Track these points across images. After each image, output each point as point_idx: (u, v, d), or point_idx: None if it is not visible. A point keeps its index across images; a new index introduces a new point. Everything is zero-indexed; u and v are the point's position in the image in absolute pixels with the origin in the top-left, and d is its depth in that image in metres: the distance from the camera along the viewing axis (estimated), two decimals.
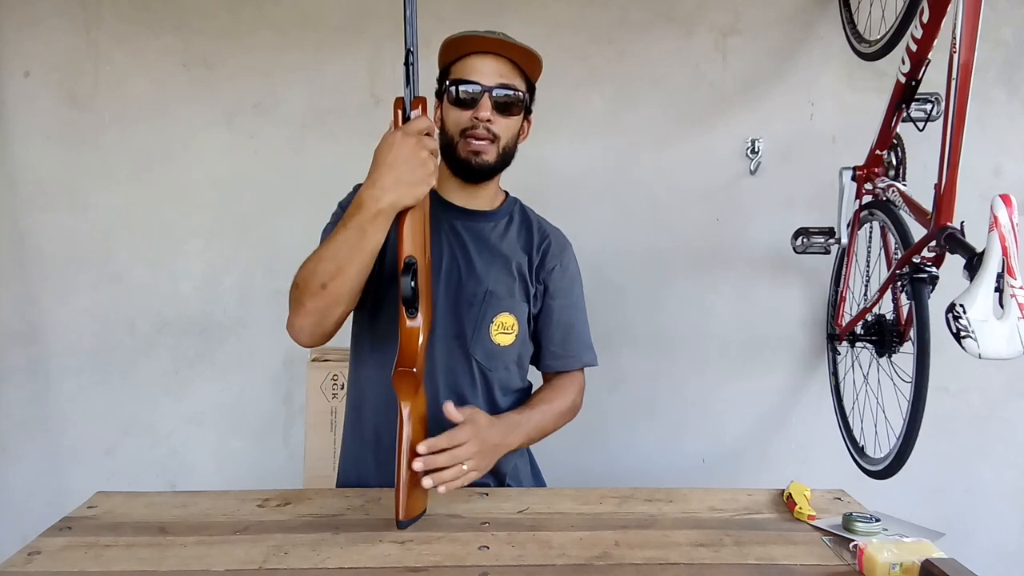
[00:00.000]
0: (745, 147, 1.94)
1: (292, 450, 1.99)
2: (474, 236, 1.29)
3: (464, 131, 1.22)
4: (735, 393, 2.00)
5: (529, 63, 1.24)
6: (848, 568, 0.93)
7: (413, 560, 0.95)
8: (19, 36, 1.90)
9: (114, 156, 1.93)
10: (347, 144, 1.92)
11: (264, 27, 1.91)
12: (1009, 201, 1.07)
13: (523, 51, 1.22)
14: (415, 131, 1.01)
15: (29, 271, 1.95)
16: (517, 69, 1.23)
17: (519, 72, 1.24)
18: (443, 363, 1.25)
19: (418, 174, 1.00)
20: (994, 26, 1.87)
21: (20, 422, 1.99)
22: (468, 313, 1.26)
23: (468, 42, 1.22)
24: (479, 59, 1.21)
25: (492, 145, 1.22)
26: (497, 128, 1.22)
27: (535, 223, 1.36)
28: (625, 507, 1.13)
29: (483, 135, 1.21)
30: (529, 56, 1.23)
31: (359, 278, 1.09)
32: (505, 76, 1.22)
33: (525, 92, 1.25)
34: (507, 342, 1.27)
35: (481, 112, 1.20)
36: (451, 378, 1.26)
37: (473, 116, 1.20)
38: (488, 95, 1.20)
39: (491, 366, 1.27)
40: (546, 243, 1.33)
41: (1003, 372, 1.95)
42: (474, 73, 1.21)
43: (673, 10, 1.92)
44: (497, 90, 1.21)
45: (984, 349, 1.05)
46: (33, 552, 0.97)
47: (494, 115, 1.21)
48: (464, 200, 1.31)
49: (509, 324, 1.27)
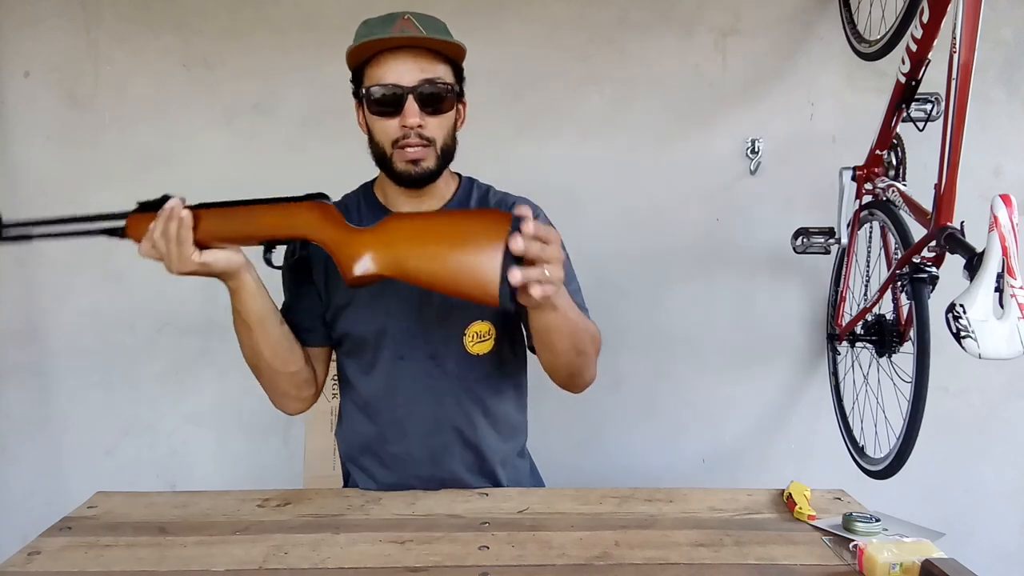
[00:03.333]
0: (745, 147, 1.94)
1: (292, 450, 1.99)
2: None
3: (395, 141, 1.10)
4: (735, 393, 2.00)
5: (448, 47, 1.11)
6: (848, 568, 0.93)
7: (413, 560, 0.95)
8: (19, 36, 1.90)
9: (114, 156, 1.93)
10: (347, 144, 1.90)
11: (264, 27, 1.91)
12: (1009, 201, 1.07)
13: (440, 43, 1.09)
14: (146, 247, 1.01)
15: (29, 271, 1.95)
16: (438, 56, 1.10)
17: (440, 58, 1.10)
18: (423, 387, 1.20)
19: (172, 263, 1.00)
20: (994, 26, 1.87)
21: (20, 422, 1.99)
22: (437, 331, 1.19)
23: (376, 44, 1.08)
24: (393, 57, 1.08)
25: (429, 149, 1.11)
26: (430, 131, 1.10)
27: (493, 199, 1.23)
28: (625, 507, 1.13)
29: (417, 143, 1.09)
30: (447, 45, 1.10)
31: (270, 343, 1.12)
32: (426, 70, 1.08)
33: (452, 82, 1.12)
34: (485, 350, 1.19)
35: (409, 119, 1.08)
36: (431, 402, 1.20)
37: (401, 124, 1.09)
38: (412, 96, 1.08)
39: (474, 378, 1.21)
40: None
41: (1003, 372, 1.95)
42: (391, 74, 1.08)
43: (673, 10, 1.92)
44: (421, 88, 1.08)
45: (984, 349, 1.05)
46: (33, 552, 0.98)
47: (423, 118, 1.09)
48: (413, 206, 1.19)
49: (484, 331, 1.19)
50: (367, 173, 1.30)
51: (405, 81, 1.08)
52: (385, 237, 0.99)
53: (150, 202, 1.04)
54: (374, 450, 1.24)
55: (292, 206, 1.03)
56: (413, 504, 1.14)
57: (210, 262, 1.01)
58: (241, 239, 1.03)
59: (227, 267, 1.03)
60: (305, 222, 1.02)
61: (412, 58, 1.08)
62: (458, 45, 1.11)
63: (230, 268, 1.03)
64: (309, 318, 1.22)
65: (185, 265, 1.00)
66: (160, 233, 0.99)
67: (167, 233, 0.99)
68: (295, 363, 1.17)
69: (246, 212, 1.02)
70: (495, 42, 1.88)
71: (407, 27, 1.09)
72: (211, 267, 1.01)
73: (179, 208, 1.00)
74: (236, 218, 1.02)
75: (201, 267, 1.00)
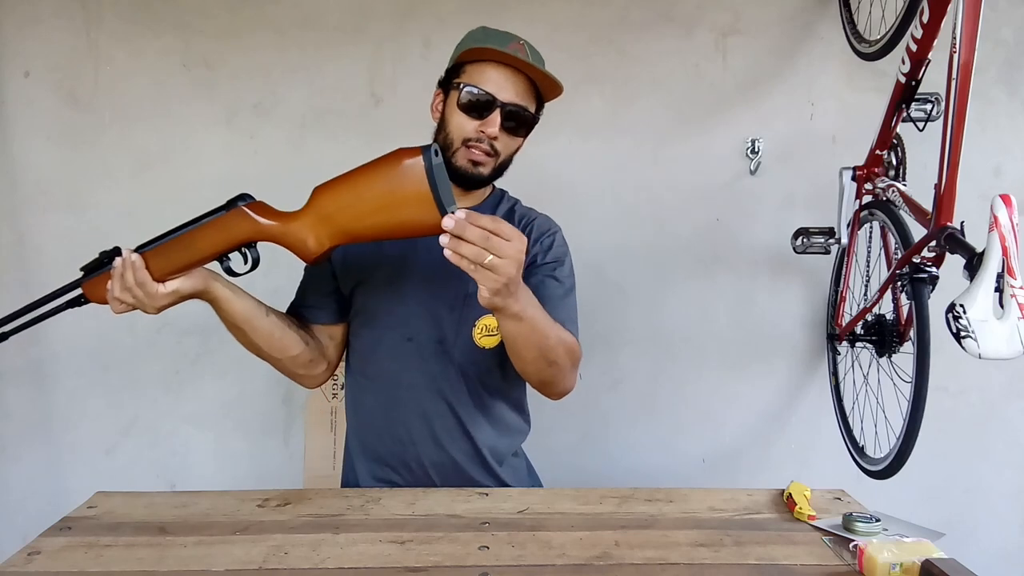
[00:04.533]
0: (745, 147, 1.94)
1: (292, 450, 1.99)
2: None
3: (467, 140, 1.17)
4: (735, 393, 2.00)
5: (547, 86, 1.20)
6: (848, 568, 0.93)
7: (413, 560, 0.95)
8: (19, 36, 1.89)
9: (114, 156, 1.92)
10: (347, 144, 1.92)
11: (264, 27, 1.91)
12: (1009, 201, 1.07)
13: (545, 76, 1.18)
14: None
15: (29, 271, 1.95)
16: (533, 88, 1.19)
17: (534, 92, 1.20)
18: (426, 369, 1.24)
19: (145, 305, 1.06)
20: (994, 26, 1.87)
21: (20, 422, 1.99)
22: (449, 316, 1.23)
23: (493, 53, 1.16)
24: (500, 69, 1.16)
25: (492, 159, 1.19)
26: (500, 145, 1.19)
27: (518, 214, 1.31)
28: (625, 507, 1.13)
29: (486, 150, 1.18)
30: (550, 81, 1.19)
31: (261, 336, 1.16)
32: (521, 96, 1.18)
33: (535, 116, 1.22)
34: (492, 344, 1.23)
35: (489, 128, 1.16)
36: (435, 384, 1.24)
37: (479, 128, 1.16)
38: (500, 111, 1.16)
39: (477, 370, 1.25)
40: (529, 228, 1.27)
41: (1003, 372, 1.95)
42: (491, 83, 1.16)
43: (673, 10, 1.92)
44: (510, 107, 1.16)
45: (984, 349, 1.05)
46: (33, 552, 0.98)
47: (501, 133, 1.17)
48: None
49: (493, 326, 1.22)
50: None
51: (501, 96, 1.16)
52: (318, 213, 1.00)
53: (92, 263, 1.08)
54: (378, 429, 1.28)
55: (221, 220, 1.04)
56: (413, 504, 1.14)
57: (177, 289, 1.05)
58: (193, 264, 1.06)
59: (193, 289, 1.07)
60: (240, 229, 1.04)
61: (513, 78, 1.17)
62: (555, 82, 1.19)
63: (196, 289, 1.07)
64: (314, 296, 1.28)
65: (157, 301, 1.05)
66: (120, 288, 1.03)
67: (127, 283, 1.03)
68: (293, 347, 1.21)
69: (185, 240, 1.04)
70: None
71: (520, 51, 1.17)
72: (180, 293, 1.06)
73: (128, 255, 1.03)
74: (178, 249, 1.04)
75: (172, 296, 1.05)
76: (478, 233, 0.90)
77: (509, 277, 0.93)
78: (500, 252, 0.91)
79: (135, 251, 1.04)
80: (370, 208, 0.97)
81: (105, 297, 1.06)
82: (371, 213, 0.97)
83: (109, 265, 1.05)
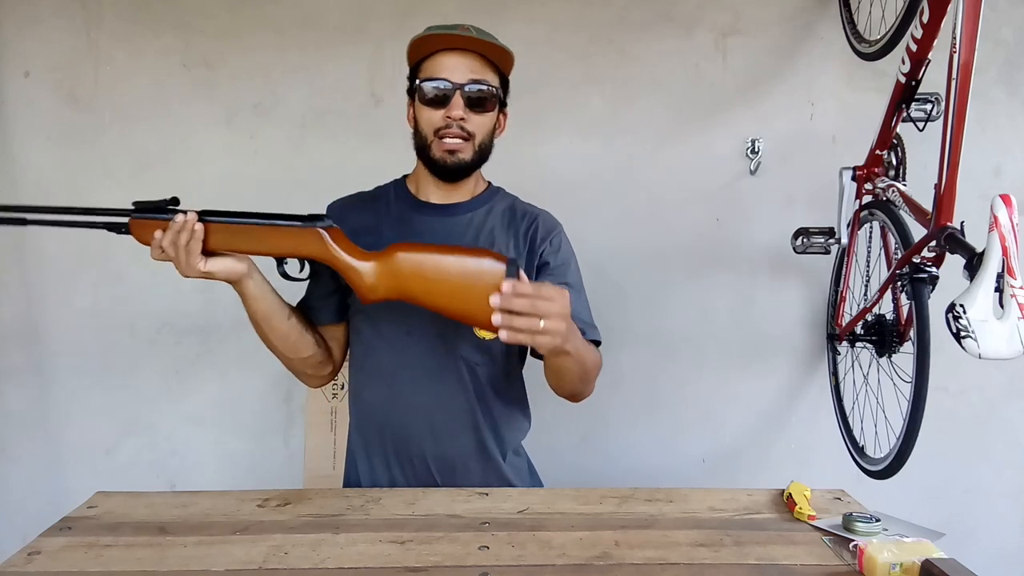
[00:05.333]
0: (745, 147, 1.94)
1: (292, 450, 1.99)
2: (451, 231, 1.26)
3: (438, 131, 1.20)
4: (735, 393, 2.00)
5: (499, 57, 1.22)
6: (848, 568, 0.93)
7: (413, 560, 0.95)
8: (19, 36, 1.89)
9: (114, 156, 1.92)
10: (347, 144, 1.92)
11: (264, 27, 1.91)
12: (1009, 201, 1.07)
13: (491, 46, 1.20)
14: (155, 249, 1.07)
15: (29, 271, 1.95)
16: (488, 63, 1.21)
17: (490, 66, 1.22)
18: (427, 364, 1.24)
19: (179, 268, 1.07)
20: (994, 26, 1.87)
21: (20, 422, 1.99)
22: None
23: (436, 39, 1.20)
24: (448, 56, 1.19)
25: (467, 143, 1.21)
26: (471, 126, 1.20)
27: (519, 210, 1.32)
28: (625, 507, 1.13)
29: (457, 134, 1.19)
30: (498, 50, 1.21)
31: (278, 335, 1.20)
32: (476, 72, 1.19)
33: (498, 87, 1.23)
34: (492, 336, 1.23)
35: (453, 111, 1.18)
36: (436, 379, 1.24)
37: (446, 115, 1.19)
38: (460, 92, 1.18)
39: (477, 362, 1.25)
40: (533, 228, 1.29)
41: (1003, 372, 1.95)
42: (444, 70, 1.19)
43: (673, 10, 1.92)
44: (469, 87, 1.18)
45: (984, 349, 1.05)
46: (33, 552, 0.98)
47: (467, 113, 1.19)
48: (442, 198, 1.29)
49: None
50: (367, 172, 1.30)
51: (456, 78, 1.18)
52: (392, 268, 1.09)
53: (155, 203, 1.08)
54: (379, 423, 1.28)
55: (303, 231, 1.09)
56: (413, 504, 1.14)
57: (213, 271, 1.09)
58: (252, 253, 1.11)
59: (228, 276, 1.11)
60: (316, 247, 1.10)
61: (465, 60, 1.19)
62: (504, 49, 1.21)
63: (232, 277, 1.12)
64: (317, 297, 1.30)
65: (190, 271, 1.08)
66: (170, 242, 1.06)
67: (177, 243, 1.05)
68: (306, 349, 1.25)
69: (255, 232, 1.08)
70: None
71: (464, 32, 1.20)
72: (214, 275, 1.09)
73: (192, 221, 1.06)
74: (249, 235, 1.08)
75: (205, 275, 1.09)
76: (524, 302, 0.96)
77: (562, 334, 0.99)
78: (548, 313, 0.97)
79: (203, 218, 1.07)
80: (440, 289, 1.07)
81: (148, 239, 1.07)
82: (439, 293, 1.07)
83: (167, 215, 1.06)
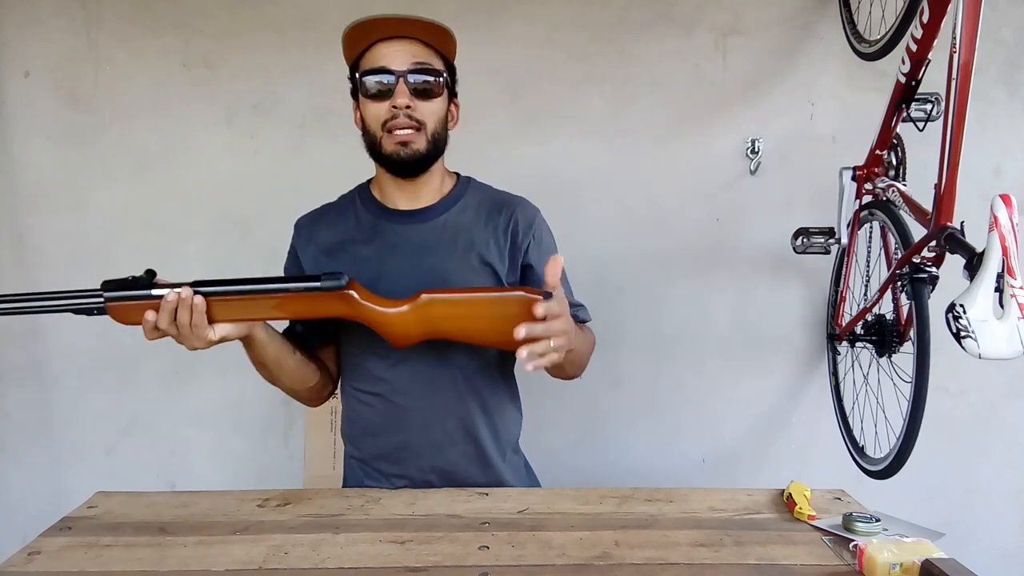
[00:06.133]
0: (745, 147, 1.94)
1: (292, 450, 1.99)
2: (425, 238, 1.21)
3: (385, 123, 1.13)
4: (735, 393, 2.00)
5: (441, 40, 1.15)
6: (848, 568, 0.93)
7: (413, 560, 0.95)
8: (19, 36, 1.90)
9: (114, 156, 1.93)
10: (347, 144, 1.89)
11: (264, 27, 1.91)
12: (1009, 201, 1.07)
13: (430, 27, 1.13)
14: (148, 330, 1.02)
15: (29, 271, 1.95)
16: (430, 48, 1.15)
17: (433, 51, 1.15)
18: (419, 375, 1.20)
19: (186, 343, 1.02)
20: (994, 26, 1.87)
21: (20, 422, 1.99)
22: None
23: (370, 30, 1.13)
24: (386, 45, 1.13)
25: (419, 133, 1.14)
26: (420, 114, 1.13)
27: (495, 202, 1.26)
28: (625, 507, 1.13)
29: (406, 124, 1.12)
30: (439, 32, 1.14)
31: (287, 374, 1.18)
32: (418, 56, 1.13)
33: (443, 72, 1.16)
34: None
35: (398, 99, 1.11)
36: (431, 390, 1.21)
37: (391, 105, 1.12)
38: (403, 80, 1.12)
39: (472, 366, 1.22)
40: (513, 221, 1.23)
41: (1003, 372, 1.95)
42: (383, 60, 1.12)
43: (673, 10, 1.92)
44: (412, 75, 1.12)
45: (984, 349, 1.05)
46: (33, 552, 0.98)
47: (413, 100, 1.12)
48: (408, 201, 1.22)
49: None
50: (367, 172, 1.30)
51: (396, 65, 1.12)
52: (423, 315, 1.08)
53: (130, 281, 1.01)
54: (375, 437, 1.25)
55: (320, 297, 1.05)
56: (413, 504, 1.14)
57: (226, 335, 1.05)
58: (261, 319, 1.07)
59: (241, 335, 1.07)
60: (343, 308, 1.07)
61: (405, 46, 1.13)
62: (445, 30, 1.15)
63: (243, 335, 1.08)
64: (305, 323, 1.25)
65: (199, 344, 1.02)
66: (168, 322, 1.00)
67: (180, 320, 1.00)
68: (312, 378, 1.24)
69: (271, 301, 1.03)
70: (495, 42, 1.88)
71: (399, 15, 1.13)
72: (228, 339, 1.06)
73: (189, 296, 1.00)
74: (260, 305, 1.04)
75: (219, 341, 1.04)
76: (541, 328, 0.98)
77: (570, 340, 1.02)
78: (557, 333, 0.99)
79: (195, 292, 1.00)
80: (478, 327, 1.08)
81: (136, 321, 1.01)
82: (477, 332, 1.09)
83: (145, 292, 1.00)
